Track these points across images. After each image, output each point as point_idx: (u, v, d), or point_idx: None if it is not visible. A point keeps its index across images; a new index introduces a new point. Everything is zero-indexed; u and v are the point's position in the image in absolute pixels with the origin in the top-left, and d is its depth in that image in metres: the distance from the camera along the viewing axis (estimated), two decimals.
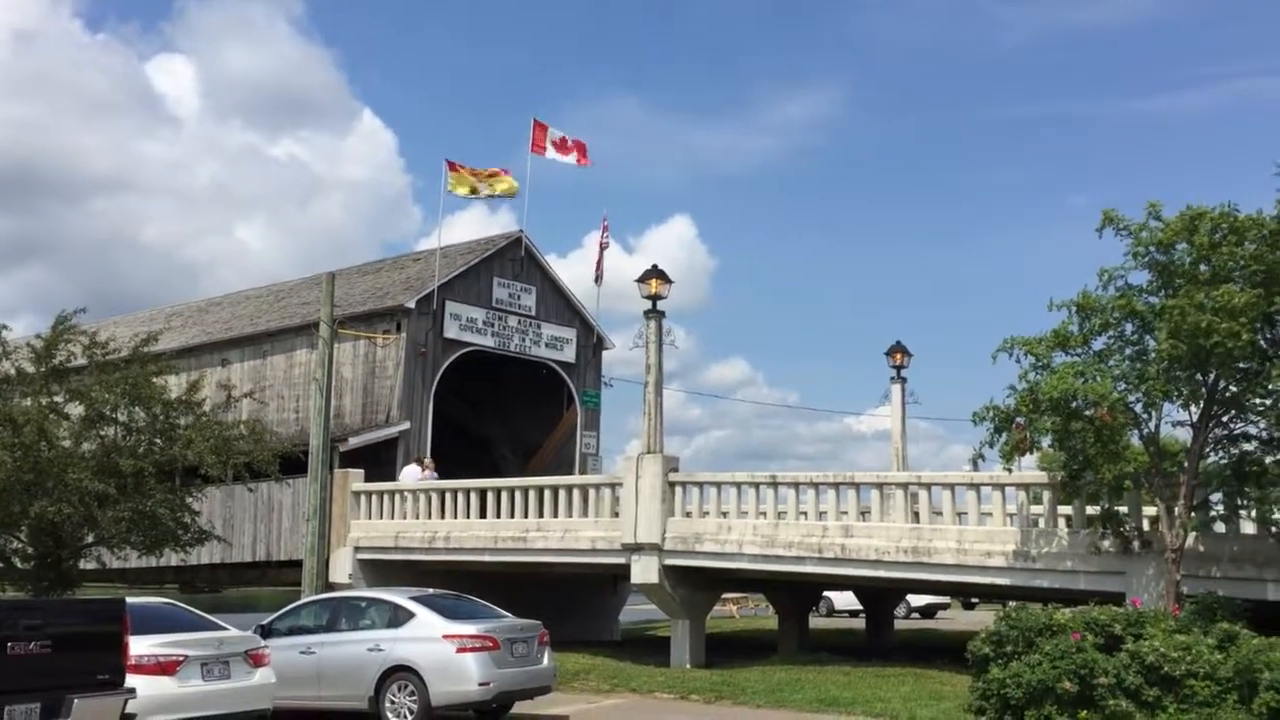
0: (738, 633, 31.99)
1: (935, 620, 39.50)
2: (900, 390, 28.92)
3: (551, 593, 27.46)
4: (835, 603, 40.04)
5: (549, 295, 34.58)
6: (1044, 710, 13.77)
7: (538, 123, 33.23)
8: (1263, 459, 15.63)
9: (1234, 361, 15.07)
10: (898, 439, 28.99)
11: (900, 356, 28.88)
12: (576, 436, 35.14)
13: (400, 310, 30.86)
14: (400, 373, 30.55)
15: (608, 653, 23.88)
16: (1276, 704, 12.93)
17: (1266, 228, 14.92)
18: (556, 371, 34.71)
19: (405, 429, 30.29)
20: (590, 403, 35.43)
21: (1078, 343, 16.65)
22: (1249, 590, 16.10)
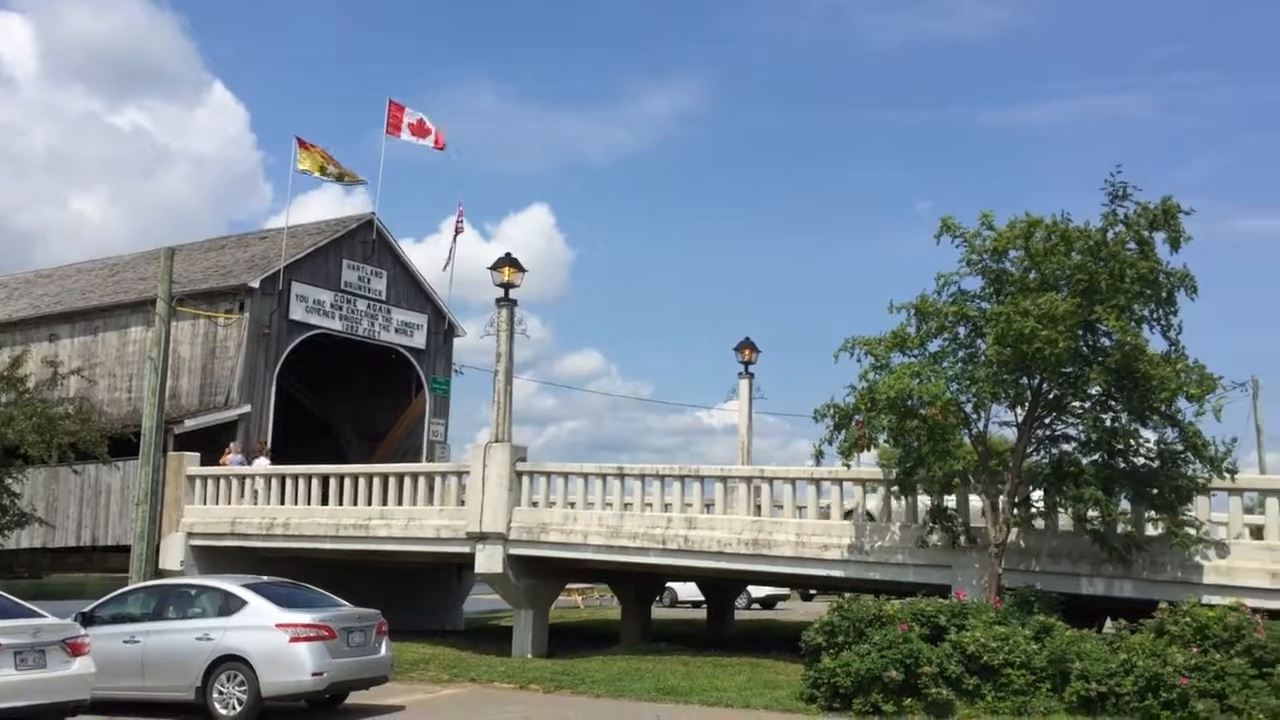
0: (582, 623, 32.12)
1: (775, 611, 40.41)
2: (748, 386, 29.43)
3: (395, 581, 27.08)
4: (679, 593, 40.55)
5: (400, 280, 34.03)
6: (871, 698, 14.28)
7: (394, 104, 32.66)
8: (1079, 459, 16.46)
9: (1056, 366, 15.84)
10: (744, 433, 29.50)
11: (749, 352, 29.38)
12: (425, 424, 34.69)
13: (244, 290, 29.89)
14: (242, 354, 29.61)
15: (450, 642, 23.68)
16: (1086, 692, 13.69)
17: (1093, 239, 15.72)
18: (406, 357, 34.20)
19: (245, 412, 29.38)
20: (440, 390, 35.03)
21: (915, 344, 17.25)
22: (1065, 584, 16.97)
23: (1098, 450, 16.40)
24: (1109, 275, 15.40)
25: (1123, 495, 16.16)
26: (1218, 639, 13.31)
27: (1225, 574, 16.01)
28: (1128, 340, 15.24)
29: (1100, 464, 16.21)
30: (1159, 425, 16.04)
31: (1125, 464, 16.19)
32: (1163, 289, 15.85)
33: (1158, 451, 16.15)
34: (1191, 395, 15.50)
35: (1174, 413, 15.81)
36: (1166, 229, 15.50)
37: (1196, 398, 15.52)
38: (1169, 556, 16.34)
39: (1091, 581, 16.96)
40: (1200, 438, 15.76)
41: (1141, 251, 15.63)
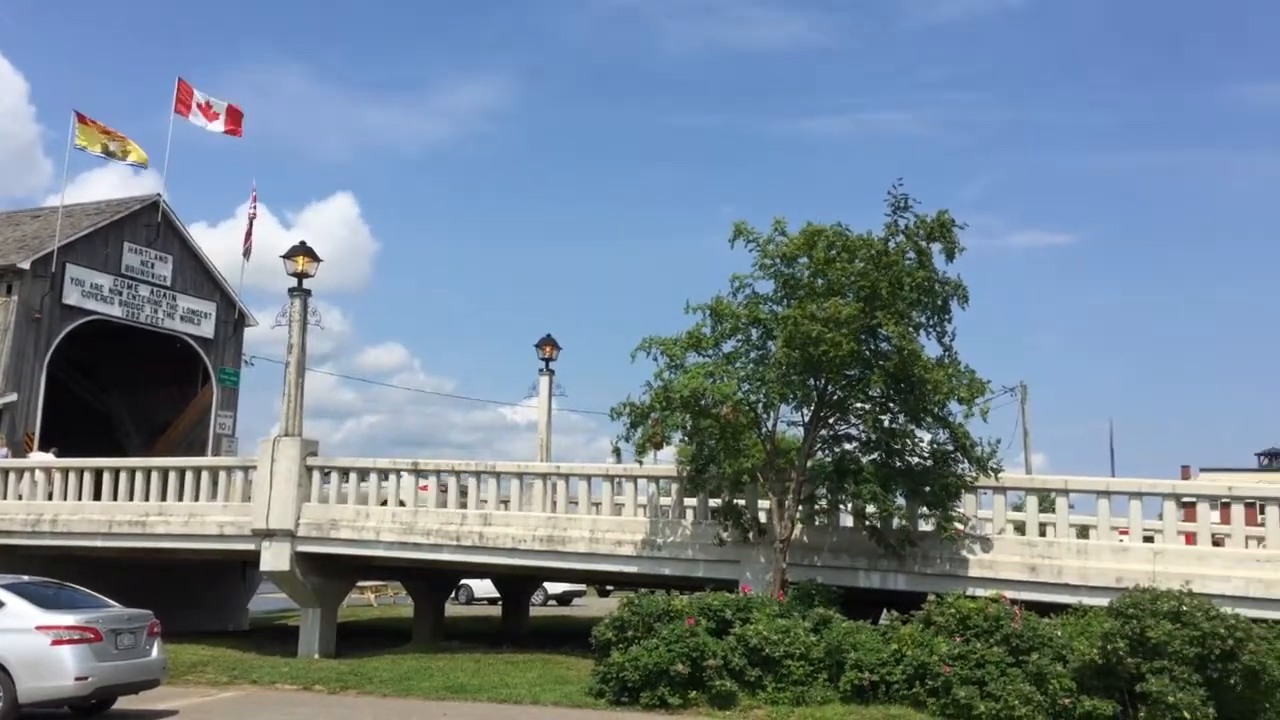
0: (374, 621, 31.45)
1: (571, 607, 40.60)
2: (548, 382, 29.45)
3: (175, 581, 25.84)
4: (475, 590, 40.25)
5: (188, 266, 32.52)
6: (658, 691, 14.52)
7: (183, 83, 31.22)
8: (860, 458, 17.20)
9: (840, 369, 16.50)
10: (544, 430, 29.50)
11: (550, 349, 29.41)
12: (212, 416, 33.27)
13: (11, 270, 27.98)
14: (9, 339, 27.71)
15: (232, 643, 22.78)
16: (859, 681, 14.30)
17: (874, 248, 16.43)
18: (192, 347, 32.72)
19: (12, 401, 27.51)
20: (228, 381, 33.65)
21: (709, 345, 17.64)
22: (844, 578, 17.69)
23: (877, 449, 17.18)
24: (889, 283, 16.14)
25: (899, 492, 16.99)
26: (979, 629, 14.11)
27: (989, 567, 17.04)
28: (905, 345, 15.99)
29: (879, 463, 16.98)
30: (932, 426, 16.92)
31: (901, 463, 17.02)
32: (938, 297, 16.71)
33: (931, 451, 17.04)
34: (962, 399, 16.41)
35: (946, 415, 16.69)
36: (943, 240, 16.35)
37: (967, 401, 16.45)
38: (939, 551, 17.27)
39: (869, 575, 17.73)
40: (969, 439, 16.71)
41: (920, 261, 16.44)
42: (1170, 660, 12.89)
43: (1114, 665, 13.24)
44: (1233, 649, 12.86)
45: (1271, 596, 15.40)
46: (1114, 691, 13.39)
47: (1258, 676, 12.98)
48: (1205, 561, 16.20)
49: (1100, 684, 13.46)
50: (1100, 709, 13.22)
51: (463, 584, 38.85)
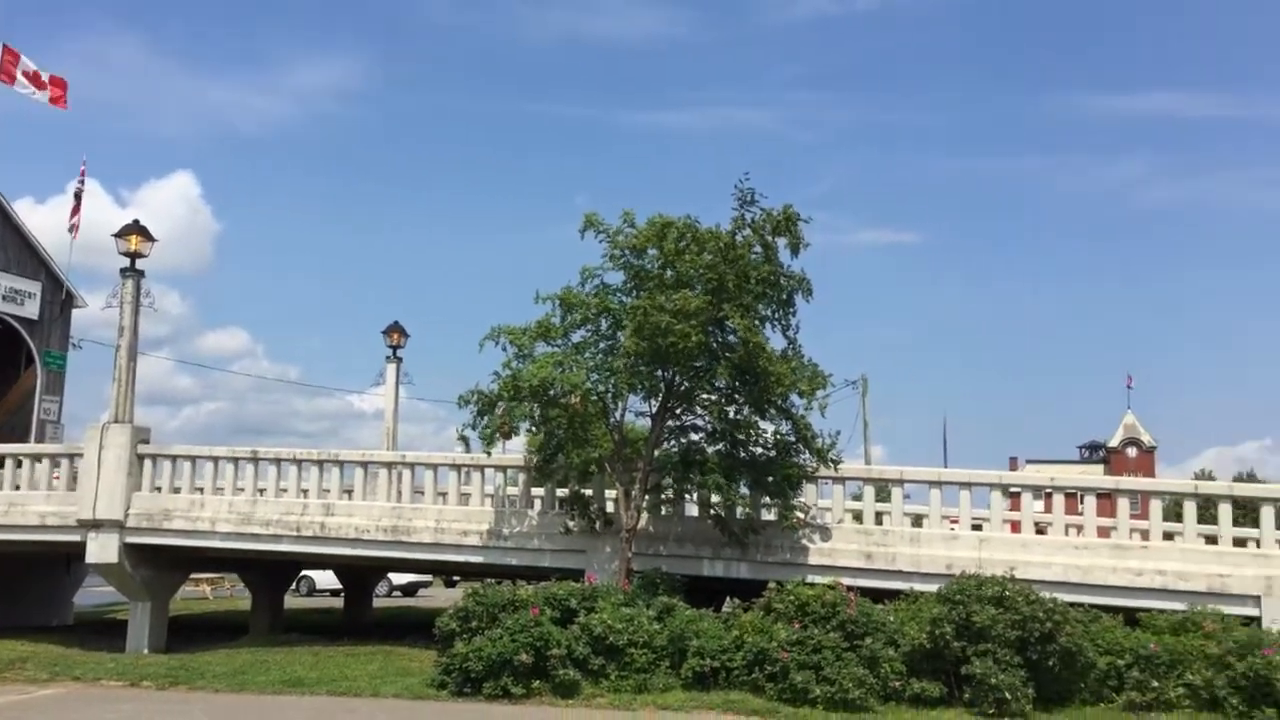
0: (209, 615, 30.42)
1: (416, 598, 40.09)
2: (395, 370, 28.98)
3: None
4: (317, 582, 39.36)
5: (10, 242, 30.71)
6: (501, 681, 14.44)
7: (8, 48, 29.46)
8: (705, 449, 17.45)
9: (688, 360, 16.68)
10: (390, 419, 29.03)
11: (397, 336, 28.94)
12: (35, 402, 31.53)
13: None
14: None
15: (55, 639, 21.72)
16: (701, 668, 14.50)
17: (722, 241, 16.65)
18: (15, 328, 30.93)
19: None
20: (54, 365, 31.96)
21: (558, 334, 17.61)
22: (689, 566, 17.93)
23: (722, 440, 17.45)
24: (736, 276, 16.39)
25: (742, 482, 17.32)
26: (817, 615, 14.49)
27: (828, 555, 17.52)
28: (751, 338, 16.27)
29: (724, 453, 17.26)
30: (776, 418, 17.27)
31: (745, 453, 17.33)
32: (784, 291, 17.05)
33: (774, 442, 17.40)
34: (804, 391, 16.79)
35: (789, 407, 17.06)
36: (788, 235, 16.68)
37: (809, 393, 16.84)
38: (781, 539, 17.66)
39: (713, 564, 18.03)
40: (811, 430, 17.12)
41: (766, 255, 16.74)
42: (994, 643, 13.49)
43: (942, 649, 13.78)
44: (1051, 631, 13.52)
45: (1088, 581, 16.26)
46: (941, 674, 13.94)
47: (1074, 657, 13.69)
48: (1028, 549, 16.99)
49: (929, 667, 14.00)
50: (928, 690, 13.75)
51: (304, 575, 37.95)
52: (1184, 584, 15.93)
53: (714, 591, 19.69)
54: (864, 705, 13.49)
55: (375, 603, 31.23)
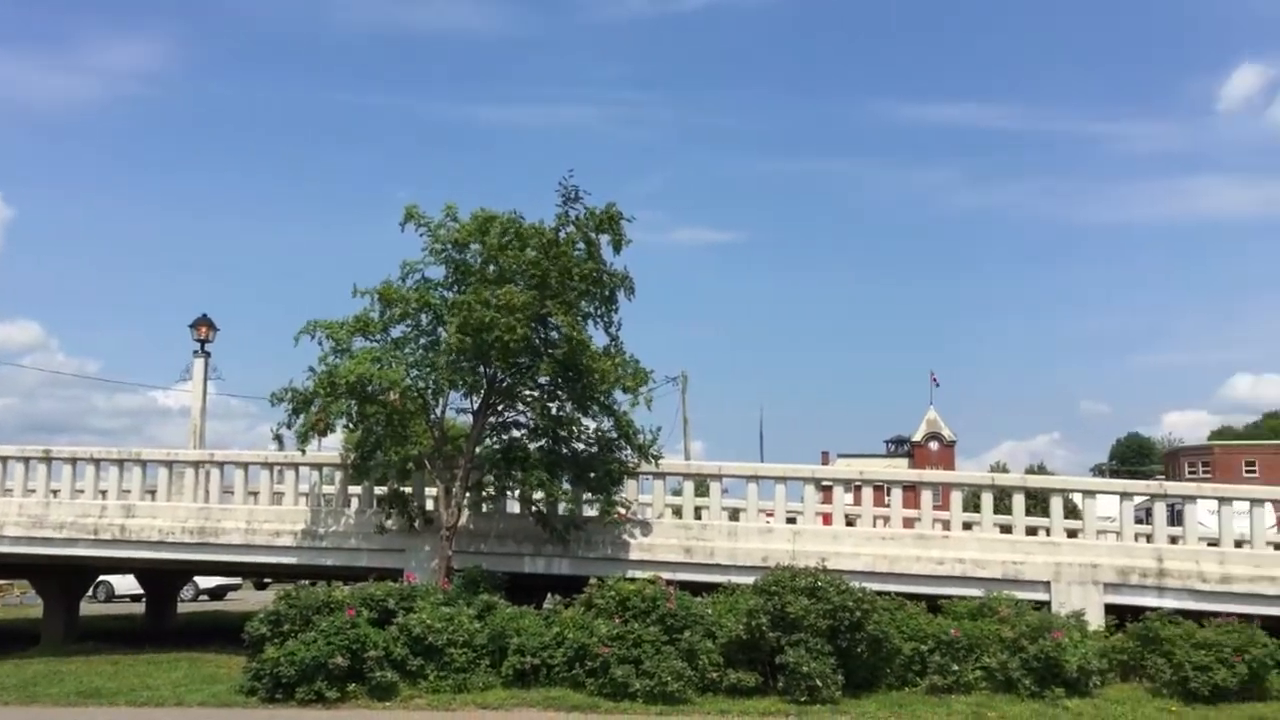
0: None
1: (225, 602, 38.57)
2: (203, 365, 27.80)
3: None
4: (116, 587, 37.42)
5: None
6: (315, 686, 14.03)
7: None
8: (528, 445, 17.39)
9: (511, 356, 16.58)
10: (197, 415, 27.81)
11: (206, 330, 27.77)
12: None
13: None
14: None
15: None
16: (521, 666, 14.44)
17: (546, 237, 16.61)
18: None
19: None
20: None
21: (378, 329, 17.25)
22: (510, 564, 17.85)
23: (544, 436, 17.43)
24: (560, 272, 16.38)
25: (565, 479, 17.34)
26: (637, 610, 14.62)
27: (648, 550, 17.73)
28: (574, 334, 16.30)
29: (546, 449, 17.24)
30: (598, 414, 17.35)
31: (568, 450, 17.37)
32: (606, 288, 17.13)
33: (596, 438, 17.49)
34: (627, 387, 16.93)
35: (611, 403, 17.18)
36: (611, 233, 16.77)
37: (631, 389, 16.98)
38: (602, 535, 17.77)
39: (534, 560, 18.00)
40: (632, 426, 17.29)
41: (589, 252, 16.79)
42: (806, 633, 13.90)
43: (758, 639, 14.12)
44: (860, 620, 14.03)
45: (895, 571, 16.96)
46: (758, 664, 14.28)
47: (881, 644, 14.24)
48: (839, 540, 17.61)
49: (746, 657, 14.32)
50: (745, 681, 14.06)
51: (102, 580, 36.02)
52: (982, 571, 16.79)
53: (536, 588, 19.66)
54: (683, 697, 13.70)
55: (180, 608, 29.88)
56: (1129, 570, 16.60)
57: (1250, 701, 13.61)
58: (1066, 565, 16.70)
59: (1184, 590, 16.37)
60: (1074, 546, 17.34)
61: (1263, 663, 13.87)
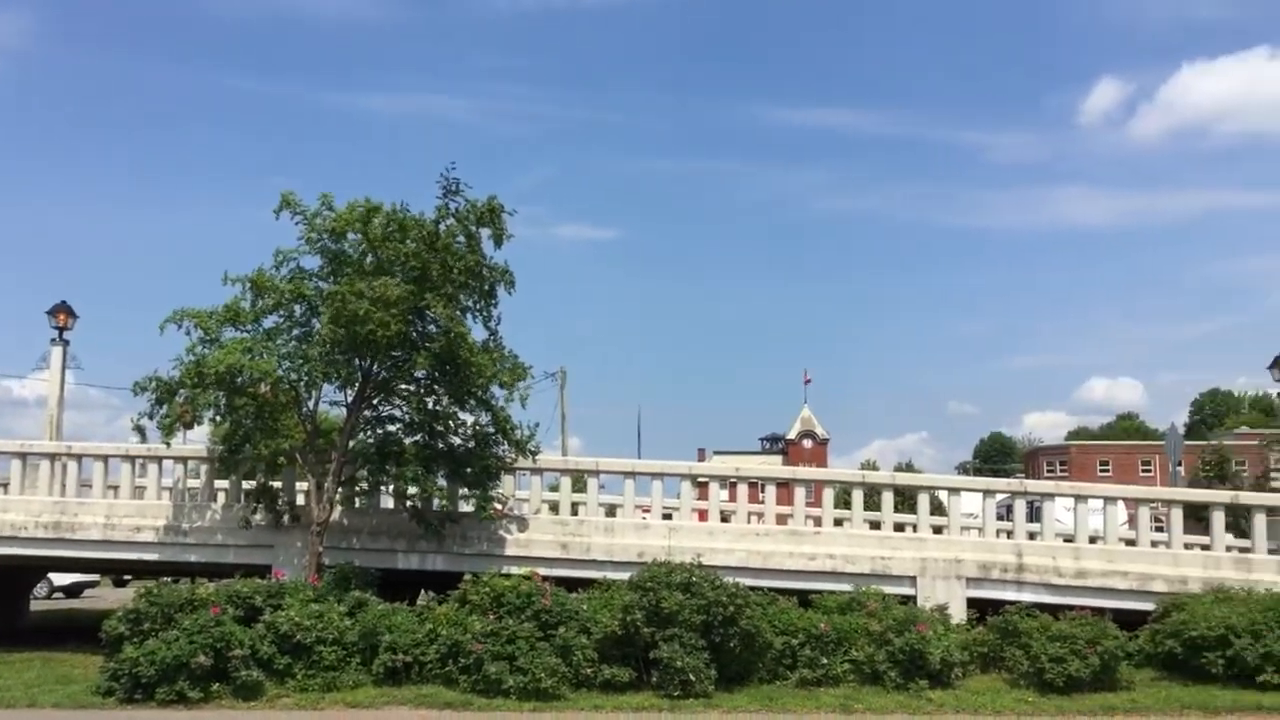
0: None
1: (81, 599, 37.02)
2: (61, 354, 26.62)
3: None
4: None
5: None
6: (177, 686, 13.60)
7: None
8: (403, 440, 17.13)
9: (387, 349, 16.31)
10: (54, 406, 26.58)
11: (64, 317, 26.53)
12: None
13: None
14: None
15: None
16: (393, 663, 14.23)
17: (427, 229, 16.38)
18: None
19: None
20: None
21: (249, 319, 16.77)
22: (384, 560, 17.58)
23: (420, 431, 17.20)
24: (440, 265, 16.18)
25: (440, 474, 17.15)
26: (512, 606, 14.54)
27: (525, 546, 17.66)
28: (453, 328, 16.12)
29: (422, 444, 17.02)
30: (476, 409, 17.19)
31: (444, 445, 17.17)
32: (486, 282, 16.98)
33: (473, 433, 17.33)
34: (505, 383, 16.81)
35: (489, 398, 17.02)
36: (492, 226, 16.63)
37: (509, 385, 16.87)
38: (478, 531, 17.63)
39: (408, 556, 17.77)
40: (510, 421, 17.17)
41: (470, 245, 16.61)
42: (681, 628, 14.01)
43: (633, 634, 14.18)
44: (733, 615, 14.20)
45: (768, 566, 17.23)
46: (632, 659, 14.35)
47: (753, 639, 14.44)
48: (714, 536, 17.81)
49: (620, 653, 14.37)
50: (619, 676, 14.11)
51: None
52: (851, 567, 17.18)
53: (409, 585, 19.41)
54: (556, 694, 13.68)
55: (34, 605, 28.61)
56: (991, 565, 17.17)
57: (1101, 691, 14.20)
58: (932, 561, 17.20)
59: (1041, 585, 17.02)
60: (939, 542, 17.88)
61: (1113, 654, 14.48)
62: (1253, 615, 14.72)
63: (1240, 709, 13.52)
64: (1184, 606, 15.36)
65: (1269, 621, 14.54)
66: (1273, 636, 14.30)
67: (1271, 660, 14.15)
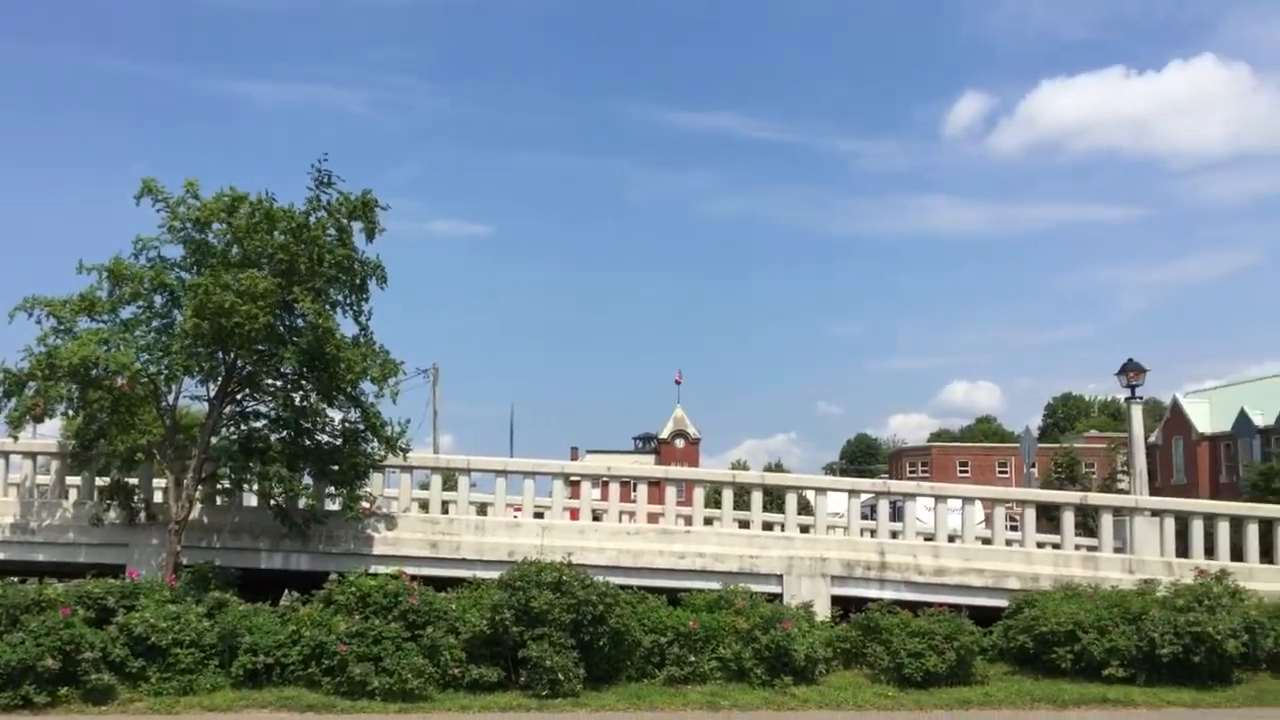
0: None
1: None
2: None
3: None
4: None
5: None
6: (22, 690, 13.02)
7: None
8: (269, 436, 16.69)
9: (252, 343, 15.87)
10: None
11: None
12: None
13: None
14: None
15: None
16: (253, 665, 13.86)
17: (297, 221, 15.99)
18: None
19: None
20: None
21: (105, 309, 16.11)
22: (246, 559, 17.14)
23: (287, 428, 16.77)
24: (309, 258, 15.81)
25: (307, 471, 16.77)
26: (378, 606, 14.29)
27: (393, 544, 17.42)
28: (322, 323, 15.76)
29: (288, 441, 16.60)
30: (345, 405, 16.85)
31: (311, 442, 16.78)
32: (358, 276, 16.66)
33: (341, 430, 16.98)
34: (375, 379, 16.52)
35: (359, 394, 16.70)
36: (365, 220, 16.32)
37: (379, 381, 16.58)
38: (345, 530, 17.32)
39: (271, 556, 17.37)
40: (380, 418, 16.88)
41: (341, 239, 16.28)
42: (550, 627, 13.99)
43: (502, 634, 14.10)
44: (603, 614, 14.24)
45: (639, 565, 17.34)
46: (501, 659, 14.26)
47: (622, 637, 14.51)
48: (585, 535, 17.85)
49: (489, 652, 14.27)
50: (487, 676, 14.01)
51: None
52: (721, 565, 17.42)
53: (272, 585, 18.95)
54: (423, 694, 13.52)
55: None
56: (854, 564, 17.60)
57: (958, 686, 14.68)
58: (798, 559, 17.54)
59: (902, 582, 17.53)
60: (805, 541, 18.26)
61: (969, 649, 14.98)
62: (1099, 611, 15.41)
63: (1086, 702, 14.14)
64: (1035, 603, 15.98)
65: (1114, 617, 15.24)
66: (1117, 632, 14.98)
67: (1116, 654, 14.83)
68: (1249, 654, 15.05)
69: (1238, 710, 13.87)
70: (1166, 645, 14.63)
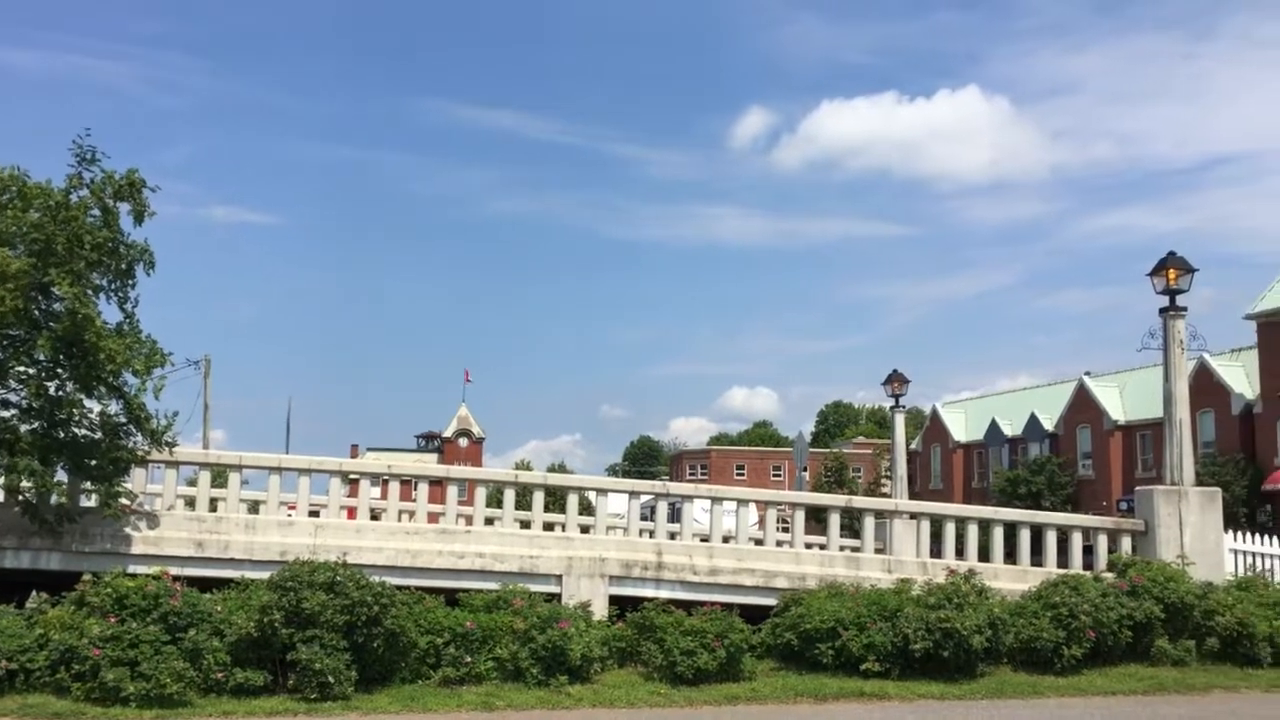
0: None
1: None
2: None
3: None
4: None
5: None
6: None
7: None
8: (19, 428, 15.58)
9: (3, 328, 14.81)
10: None
11: None
12: None
13: None
14: None
15: None
16: None
17: (55, 199, 15.01)
18: None
19: None
20: None
21: None
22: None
23: (39, 419, 15.69)
24: (67, 239, 14.85)
25: (60, 466, 15.73)
26: (136, 608, 13.57)
27: (155, 544, 16.59)
28: (80, 309, 14.82)
29: (40, 433, 15.53)
30: (105, 397, 15.90)
31: (66, 434, 15.75)
32: (123, 260, 15.76)
33: (101, 423, 16.02)
34: (138, 370, 15.64)
35: (120, 385, 15.80)
36: (132, 201, 15.47)
37: (143, 372, 15.69)
38: (101, 528, 16.38)
39: (17, 555, 16.30)
40: (144, 411, 15.99)
41: (105, 220, 15.37)
42: (322, 629, 13.63)
43: (270, 636, 13.64)
44: (378, 615, 13.98)
45: (417, 565, 17.12)
46: (269, 662, 13.79)
47: (398, 639, 14.27)
48: (362, 534, 17.49)
49: (256, 655, 13.78)
50: (253, 680, 13.52)
51: None
52: (500, 565, 17.40)
53: (19, 585, 17.74)
54: (183, 699, 12.92)
55: None
56: (632, 564, 17.91)
57: (727, 682, 15.15)
58: (578, 559, 17.72)
59: (678, 582, 17.96)
60: (585, 541, 18.45)
61: (739, 646, 15.48)
62: (859, 609, 16.21)
63: (845, 695, 14.86)
64: (801, 601, 16.67)
65: (872, 614, 16.06)
66: (875, 629, 15.80)
67: (873, 650, 15.63)
68: (992, 649, 16.13)
69: (980, 701, 14.86)
70: (919, 641, 15.51)
